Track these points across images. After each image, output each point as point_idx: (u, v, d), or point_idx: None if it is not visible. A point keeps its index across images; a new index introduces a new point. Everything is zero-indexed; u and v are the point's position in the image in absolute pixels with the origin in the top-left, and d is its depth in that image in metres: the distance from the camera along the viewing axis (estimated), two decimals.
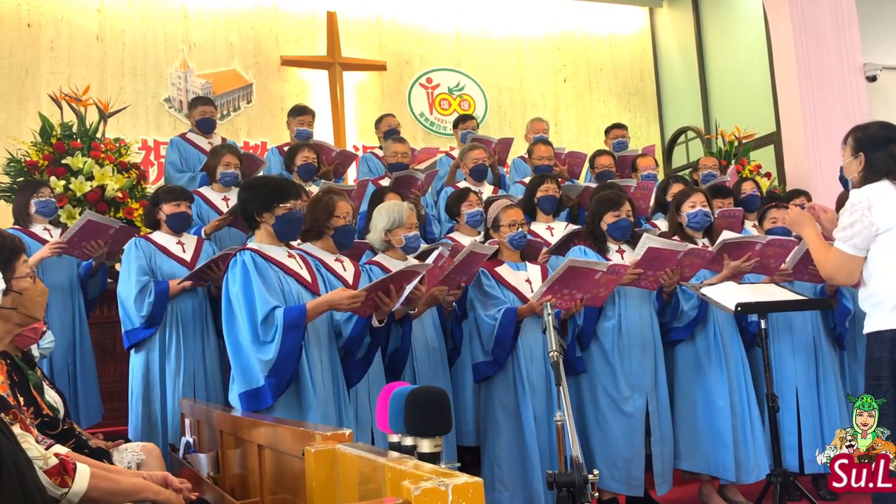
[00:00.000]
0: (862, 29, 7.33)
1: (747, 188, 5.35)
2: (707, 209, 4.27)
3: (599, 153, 6.19)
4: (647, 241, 3.81)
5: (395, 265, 3.69)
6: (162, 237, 4.23)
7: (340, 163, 5.97)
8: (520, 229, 4.01)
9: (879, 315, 2.77)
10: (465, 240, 4.48)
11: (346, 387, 3.31)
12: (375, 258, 3.81)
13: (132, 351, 4.10)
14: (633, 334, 3.97)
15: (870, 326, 2.82)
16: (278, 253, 3.26)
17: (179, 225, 4.23)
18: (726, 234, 4.07)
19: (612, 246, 4.08)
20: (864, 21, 7.37)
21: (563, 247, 4.41)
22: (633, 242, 4.05)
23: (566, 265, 3.58)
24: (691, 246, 3.94)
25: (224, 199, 4.99)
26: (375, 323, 3.25)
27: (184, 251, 4.22)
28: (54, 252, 4.23)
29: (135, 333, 4.02)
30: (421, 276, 3.24)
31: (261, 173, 5.39)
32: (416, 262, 3.32)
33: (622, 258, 3.99)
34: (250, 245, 3.28)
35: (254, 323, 3.03)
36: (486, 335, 3.81)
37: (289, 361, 3.00)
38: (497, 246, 3.97)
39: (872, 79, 7.45)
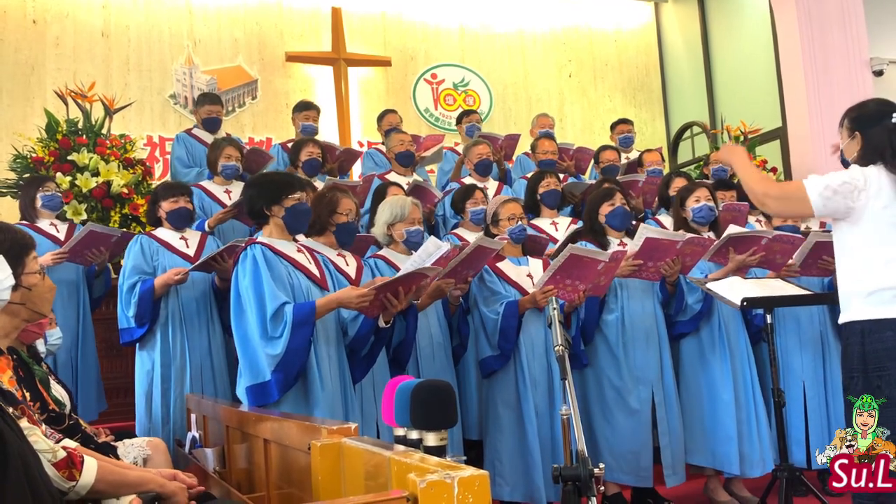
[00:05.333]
0: (868, 23, 7.30)
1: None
2: (712, 203, 4.27)
3: (604, 148, 6.26)
4: (644, 231, 3.81)
5: (399, 259, 3.70)
6: (165, 233, 4.22)
7: (345, 160, 5.99)
8: (519, 222, 4.03)
9: (850, 306, 2.77)
10: (470, 236, 4.48)
11: (352, 382, 3.31)
12: (380, 252, 3.82)
13: (137, 347, 4.10)
14: (637, 326, 3.97)
15: (842, 317, 2.82)
16: (287, 247, 3.26)
17: (180, 220, 4.22)
18: (732, 228, 4.06)
19: (614, 239, 4.09)
20: (870, 15, 7.34)
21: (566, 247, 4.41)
22: (633, 234, 4.05)
23: (567, 253, 3.58)
24: (689, 235, 3.94)
25: (226, 192, 5.00)
26: (382, 323, 3.25)
27: (187, 247, 4.22)
28: (56, 261, 4.26)
29: (128, 332, 4.02)
30: (430, 278, 3.24)
31: (268, 168, 5.41)
32: (421, 256, 3.31)
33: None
34: (259, 239, 3.27)
35: (263, 317, 3.02)
36: (491, 329, 3.82)
37: (297, 357, 3.00)
38: (506, 241, 3.97)
39: (879, 73, 7.43)
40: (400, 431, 1.87)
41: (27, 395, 2.37)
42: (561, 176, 5.40)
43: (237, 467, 2.94)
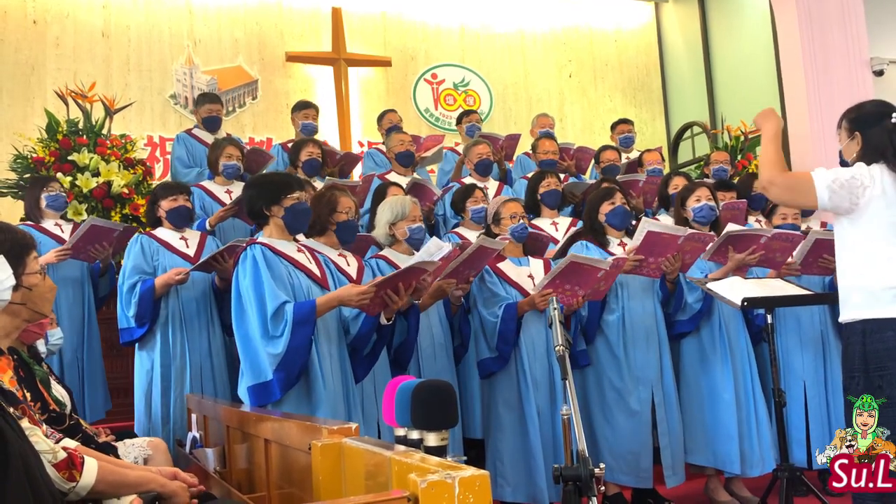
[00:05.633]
0: (868, 23, 7.29)
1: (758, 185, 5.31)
2: (712, 203, 4.26)
3: (605, 148, 6.28)
4: (646, 225, 3.80)
5: (401, 259, 3.69)
6: (165, 233, 4.21)
7: (345, 164, 5.99)
8: (521, 221, 4.02)
9: (848, 306, 2.77)
10: (471, 235, 4.48)
11: (354, 381, 3.31)
12: (382, 252, 3.81)
13: (137, 347, 4.10)
14: (637, 326, 3.97)
15: (842, 314, 2.81)
16: (287, 247, 3.27)
17: (180, 219, 4.21)
18: (731, 227, 4.05)
19: (614, 239, 4.09)
20: (870, 15, 7.34)
21: (567, 248, 4.40)
22: (633, 234, 4.05)
23: (568, 260, 3.59)
24: (691, 231, 3.93)
25: (227, 192, 5.00)
26: (383, 321, 3.25)
27: (187, 246, 4.21)
28: (59, 258, 4.27)
29: (128, 332, 4.02)
30: (430, 273, 3.24)
31: (269, 168, 5.42)
32: (423, 257, 3.31)
33: (624, 251, 3.98)
34: (260, 239, 3.28)
35: (264, 317, 3.03)
36: (490, 332, 3.81)
37: (298, 356, 3.01)
38: (507, 241, 3.97)
39: (879, 73, 7.42)
40: (401, 431, 1.87)
41: (28, 395, 2.38)
42: (561, 176, 5.41)
43: (238, 467, 2.94)
